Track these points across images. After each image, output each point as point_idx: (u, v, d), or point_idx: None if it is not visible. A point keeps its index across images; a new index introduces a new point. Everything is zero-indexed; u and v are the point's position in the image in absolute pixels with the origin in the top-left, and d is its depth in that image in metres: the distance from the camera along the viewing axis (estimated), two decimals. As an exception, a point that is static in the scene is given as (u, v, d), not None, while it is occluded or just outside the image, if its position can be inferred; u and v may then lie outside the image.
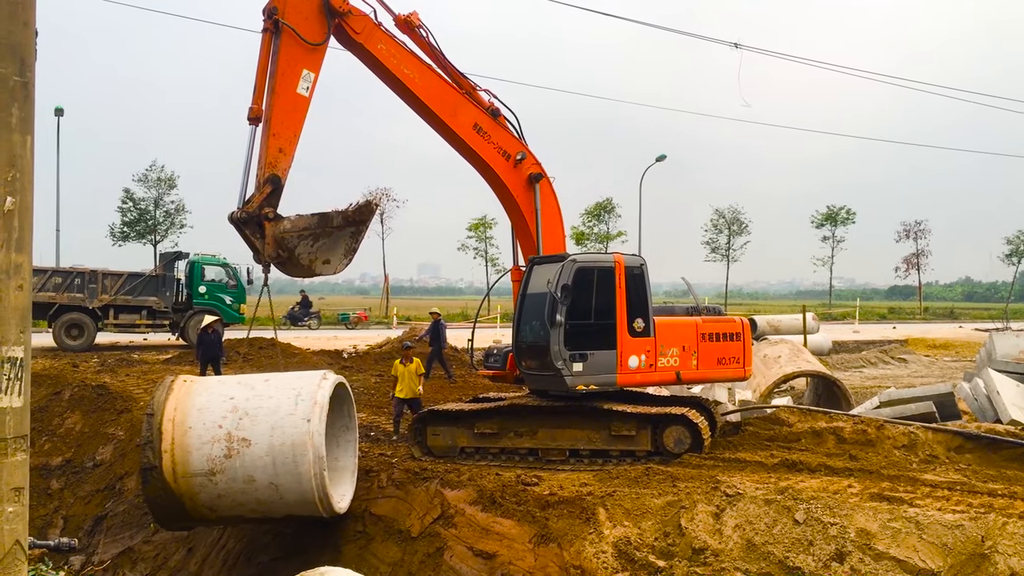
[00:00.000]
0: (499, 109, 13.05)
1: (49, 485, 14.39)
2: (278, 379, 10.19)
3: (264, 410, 9.42)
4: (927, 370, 30.13)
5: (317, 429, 9.23)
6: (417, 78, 12.22)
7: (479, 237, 64.30)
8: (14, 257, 3.89)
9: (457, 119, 12.55)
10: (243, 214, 11.13)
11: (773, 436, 12.91)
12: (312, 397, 9.44)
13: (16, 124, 3.91)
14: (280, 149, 11.19)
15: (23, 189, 3.94)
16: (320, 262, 11.50)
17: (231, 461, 9.27)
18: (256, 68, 11.39)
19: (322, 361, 23.72)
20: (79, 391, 17.41)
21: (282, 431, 9.26)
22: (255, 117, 11.33)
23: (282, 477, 9.26)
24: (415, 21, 12.49)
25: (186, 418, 9.46)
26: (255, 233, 11.18)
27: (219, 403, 9.58)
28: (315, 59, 11.48)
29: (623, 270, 12.18)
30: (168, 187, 51.81)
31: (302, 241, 11.28)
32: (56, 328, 26.73)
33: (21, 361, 3.94)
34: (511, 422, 12.24)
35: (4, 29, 3.85)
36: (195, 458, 9.31)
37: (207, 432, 9.36)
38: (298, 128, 11.42)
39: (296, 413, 9.32)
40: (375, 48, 11.92)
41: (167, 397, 9.63)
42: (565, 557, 9.13)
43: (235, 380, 10.44)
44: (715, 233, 70.01)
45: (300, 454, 9.17)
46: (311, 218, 11.39)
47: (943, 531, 8.34)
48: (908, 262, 79.14)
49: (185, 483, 9.35)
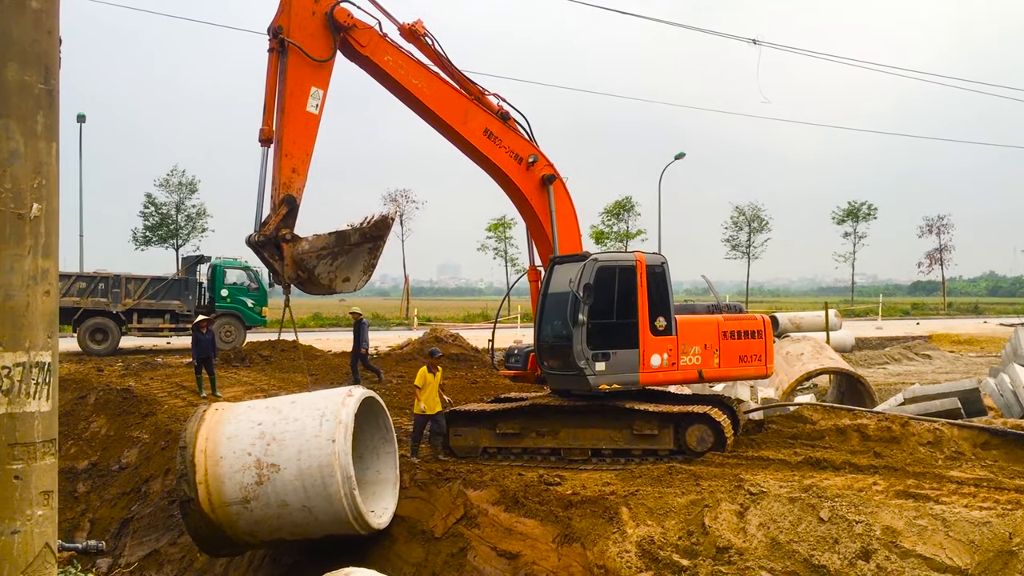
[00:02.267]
0: (508, 112, 12.96)
1: (76, 488, 14.54)
2: (304, 400, 10.12)
3: (290, 433, 9.39)
4: (952, 366, 29.86)
5: (343, 449, 9.16)
6: (425, 87, 12.16)
7: (498, 237, 64.43)
8: (41, 263, 3.93)
9: (468, 126, 12.48)
10: (261, 237, 11.09)
11: (796, 434, 12.84)
12: (336, 416, 9.36)
13: (41, 131, 3.95)
14: (293, 169, 11.14)
15: (49, 195, 3.97)
16: (340, 280, 11.42)
17: (263, 488, 9.27)
18: (264, 89, 11.35)
19: (344, 363, 23.79)
20: (104, 395, 17.59)
21: (308, 454, 9.21)
22: (266, 138, 11.28)
23: (313, 500, 9.22)
24: (420, 30, 12.38)
25: (217, 448, 9.48)
26: (273, 255, 11.15)
27: (247, 430, 9.58)
28: (323, 76, 11.42)
29: (644, 268, 12.16)
30: (189, 191, 52.27)
31: (321, 261, 11.21)
32: (81, 332, 26.98)
33: (49, 366, 3.97)
34: (533, 422, 12.24)
35: (28, 38, 3.89)
36: (228, 487, 9.33)
37: (238, 461, 9.38)
38: (310, 146, 11.37)
39: (321, 435, 9.26)
40: (382, 60, 11.85)
41: (199, 428, 9.66)
42: (588, 557, 9.12)
43: (264, 405, 10.37)
44: (735, 230, 69.75)
45: (328, 475, 9.11)
46: (329, 237, 11.32)
47: (970, 528, 8.27)
48: (931, 257, 78.54)
49: (223, 512, 9.38)
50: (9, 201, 3.86)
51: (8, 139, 3.87)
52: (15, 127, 3.88)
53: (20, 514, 3.86)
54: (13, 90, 3.88)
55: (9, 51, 3.87)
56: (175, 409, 16.32)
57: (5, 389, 3.84)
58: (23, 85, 3.89)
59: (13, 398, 3.86)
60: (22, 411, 3.88)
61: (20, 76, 3.88)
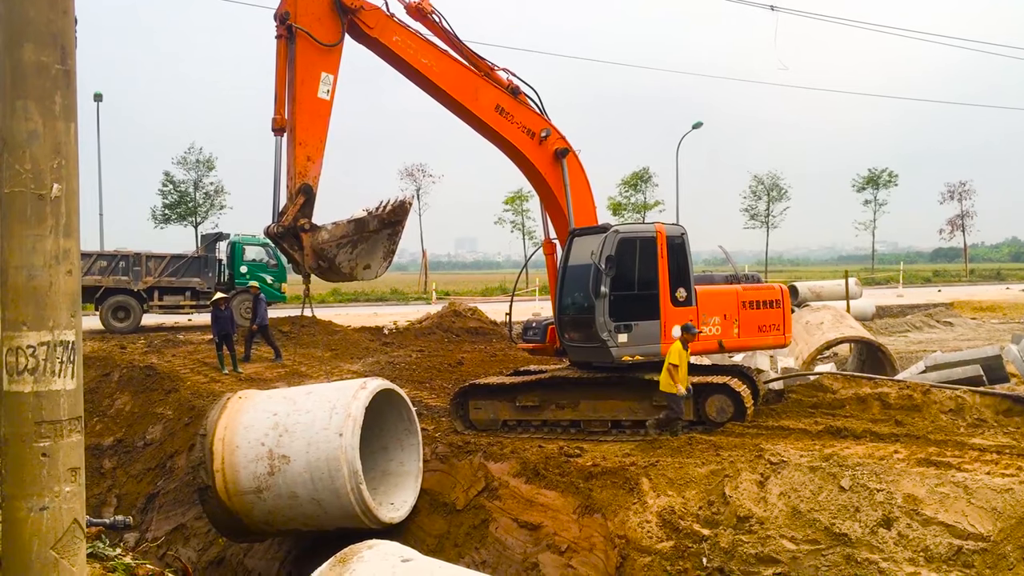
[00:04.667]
0: (519, 87, 12.84)
1: (102, 465, 14.74)
2: (320, 391, 10.08)
3: (301, 425, 9.39)
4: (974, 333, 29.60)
5: (350, 443, 9.11)
6: (435, 66, 12.03)
7: (516, 210, 64.14)
8: (62, 243, 3.97)
9: (479, 103, 12.37)
10: (279, 228, 11.04)
11: (817, 403, 12.81)
12: (346, 410, 9.32)
13: (60, 112, 3.97)
14: (308, 157, 11.07)
15: (69, 176, 4.00)
16: (360, 268, 11.34)
17: (274, 478, 9.30)
18: (275, 77, 11.22)
19: (363, 338, 23.92)
20: (128, 372, 17.78)
21: (317, 447, 9.18)
22: (279, 128, 11.17)
23: (322, 493, 9.20)
24: (427, 7, 12.24)
25: (234, 437, 9.54)
26: (293, 246, 11.09)
27: (263, 420, 9.60)
28: (332, 60, 11.29)
29: (664, 239, 12.12)
30: (207, 169, 52.38)
31: (341, 250, 11.14)
32: (103, 311, 27.21)
33: (73, 344, 4.02)
34: (553, 394, 12.28)
35: (44, 17, 3.90)
36: (243, 476, 9.40)
37: (252, 450, 9.42)
38: (323, 133, 11.27)
39: (330, 427, 9.23)
40: (390, 41, 11.72)
41: (219, 416, 9.72)
42: (609, 527, 9.18)
43: (281, 395, 10.36)
44: (754, 200, 69.17)
45: (335, 469, 9.08)
46: (347, 225, 11.24)
47: (992, 495, 8.24)
48: (953, 224, 77.63)
49: (239, 500, 9.46)
50: (30, 182, 3.89)
51: (27, 120, 3.90)
52: (33, 107, 3.91)
53: (48, 491, 3.93)
54: (30, 71, 3.90)
55: (26, 32, 3.88)
56: (198, 385, 16.47)
57: (31, 368, 3.90)
58: (40, 66, 3.91)
59: (39, 377, 3.91)
60: (48, 389, 3.93)
61: (37, 56, 3.90)
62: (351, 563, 5.61)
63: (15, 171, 3.88)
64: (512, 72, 12.82)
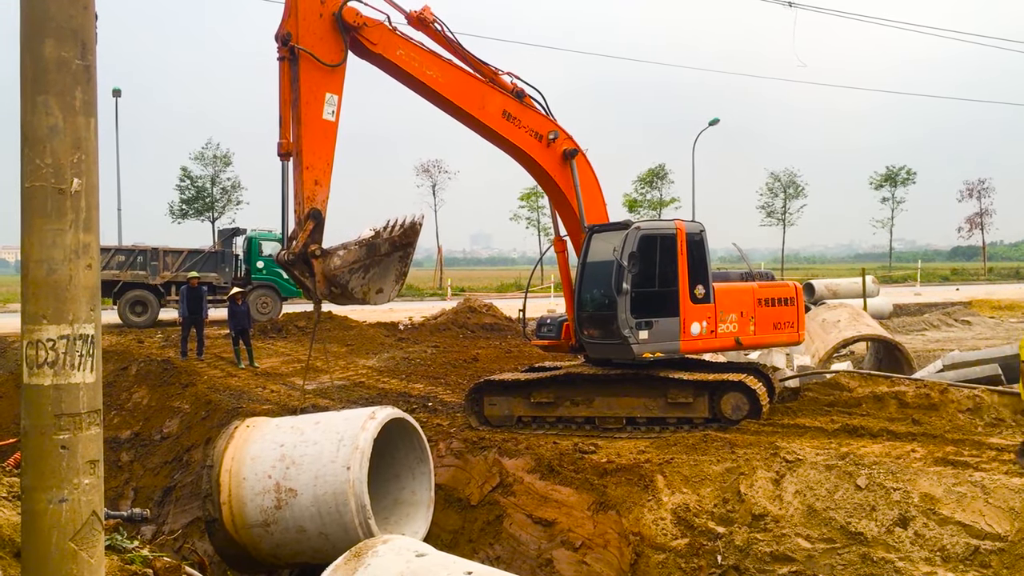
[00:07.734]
0: (523, 90, 12.69)
1: (119, 458, 14.85)
2: (327, 421, 9.82)
3: (308, 457, 9.17)
4: (992, 332, 29.39)
5: (358, 477, 8.85)
6: (440, 77, 11.84)
7: (531, 207, 64.12)
8: (82, 237, 3.99)
9: (486, 110, 12.19)
10: (290, 256, 10.77)
11: (833, 401, 12.76)
12: (353, 442, 9.06)
13: (80, 107, 3.99)
14: (316, 181, 10.81)
15: (88, 171, 4.03)
16: (373, 292, 11.06)
17: (281, 512, 9.10)
18: (279, 100, 11.02)
19: (379, 334, 24.01)
20: (145, 366, 17.92)
21: (324, 480, 8.96)
22: (285, 152, 10.96)
23: (329, 527, 8.99)
24: (429, 16, 12.05)
25: (241, 468, 9.34)
26: (304, 273, 10.81)
27: (270, 451, 9.40)
28: (336, 80, 11.07)
29: (684, 236, 12.11)
30: (224, 164, 52.67)
31: (354, 275, 10.87)
32: (121, 305, 27.43)
33: (92, 338, 4.05)
34: (567, 391, 12.28)
35: (65, 13, 3.93)
36: (250, 510, 9.19)
37: (259, 483, 9.22)
38: (330, 155, 11.04)
39: (337, 460, 9.00)
40: (394, 56, 11.51)
41: (226, 446, 9.54)
42: (624, 524, 9.17)
43: (289, 424, 10.10)
44: (770, 197, 68.93)
45: (342, 503, 8.85)
46: (359, 250, 10.94)
47: (1010, 495, 8.19)
48: (971, 222, 77.23)
49: (246, 534, 9.27)
50: (50, 176, 3.92)
51: (47, 115, 3.92)
52: (54, 103, 3.93)
53: (68, 483, 3.96)
54: (51, 66, 3.93)
55: (46, 27, 3.91)
56: (214, 380, 16.57)
57: (50, 361, 3.93)
58: (61, 61, 3.94)
59: (58, 370, 3.94)
60: (67, 382, 3.96)
61: (58, 52, 3.93)
62: (366, 558, 5.64)
63: (35, 166, 3.91)
64: (516, 75, 12.70)
